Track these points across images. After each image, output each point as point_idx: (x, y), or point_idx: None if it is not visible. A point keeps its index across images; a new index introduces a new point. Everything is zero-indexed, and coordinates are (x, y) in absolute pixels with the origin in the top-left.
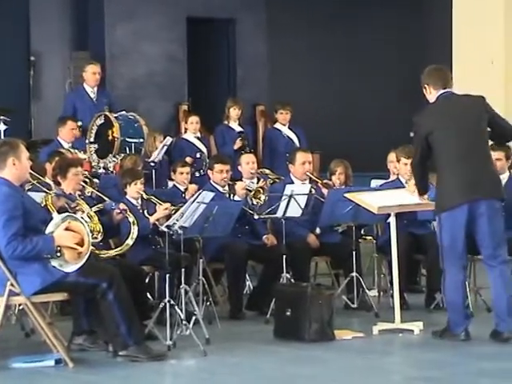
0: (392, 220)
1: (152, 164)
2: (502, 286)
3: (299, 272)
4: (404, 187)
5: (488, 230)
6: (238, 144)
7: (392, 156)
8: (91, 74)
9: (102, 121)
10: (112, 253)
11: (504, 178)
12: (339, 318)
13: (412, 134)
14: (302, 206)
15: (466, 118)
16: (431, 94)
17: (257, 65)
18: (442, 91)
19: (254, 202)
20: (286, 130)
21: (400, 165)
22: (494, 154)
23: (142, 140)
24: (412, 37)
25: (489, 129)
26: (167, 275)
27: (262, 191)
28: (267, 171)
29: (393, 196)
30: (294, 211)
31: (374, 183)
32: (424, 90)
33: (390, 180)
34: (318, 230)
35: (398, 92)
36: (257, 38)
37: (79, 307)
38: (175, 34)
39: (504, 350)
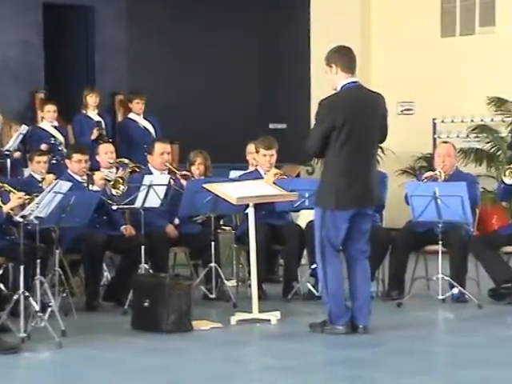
0: (250, 211)
1: (6, 153)
2: (365, 281)
3: (158, 263)
4: (263, 178)
5: (364, 228)
6: (94, 134)
7: (251, 147)
8: None
9: None
10: None
11: None
12: (197, 308)
13: (314, 122)
14: (161, 197)
15: (372, 117)
16: (337, 76)
17: (116, 53)
18: (351, 79)
19: (113, 192)
20: (141, 120)
21: (259, 156)
22: None
23: None
24: (271, 31)
25: None
26: (22, 266)
27: (121, 181)
28: (126, 160)
29: (251, 187)
30: (153, 202)
31: (233, 174)
32: (329, 69)
33: (248, 171)
34: (176, 221)
35: (257, 84)
36: (116, 26)
37: None
38: (31, 19)
39: (358, 339)
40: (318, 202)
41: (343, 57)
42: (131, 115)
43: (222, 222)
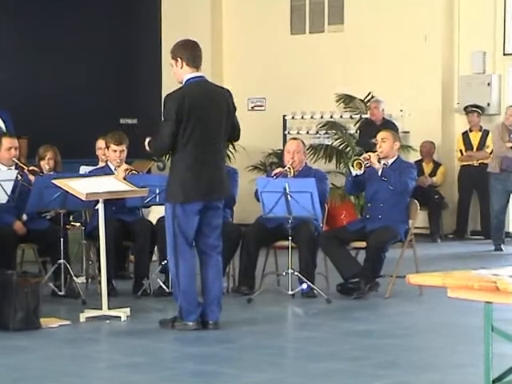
0: (100, 207)
1: None
2: (217, 277)
3: (5, 260)
4: (113, 173)
5: (215, 222)
6: None
7: (101, 143)
8: None
9: None
10: None
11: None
12: (46, 305)
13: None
14: (9, 193)
15: (218, 110)
16: (182, 69)
17: None
18: (197, 74)
19: None
20: None
21: (109, 151)
22: None
23: None
24: (122, 25)
25: None
26: None
27: None
28: None
29: (101, 183)
30: (0, 197)
31: (83, 169)
32: (174, 63)
33: (99, 166)
34: (24, 217)
35: (107, 78)
36: None
37: None
38: None
39: (209, 335)
40: (167, 196)
41: (188, 51)
42: None
43: (71, 218)
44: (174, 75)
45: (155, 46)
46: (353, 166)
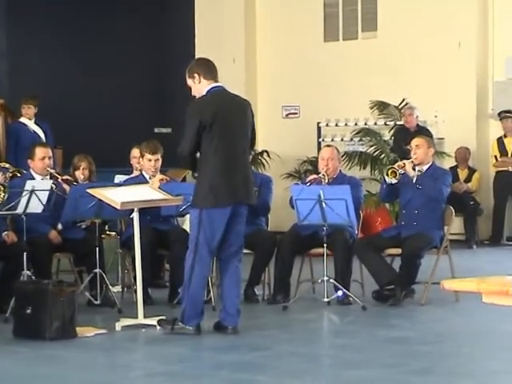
0: (135, 215)
1: None
2: (236, 283)
3: (40, 269)
4: (147, 182)
5: (239, 229)
6: None
7: (135, 152)
8: None
9: None
10: None
11: None
12: (82, 315)
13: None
14: (44, 202)
15: (240, 118)
16: (200, 84)
17: None
18: (214, 84)
19: None
20: (31, 125)
21: (144, 160)
22: None
23: None
24: (156, 36)
25: None
26: None
27: (2, 188)
28: (7, 165)
29: (136, 191)
30: (35, 207)
31: (118, 179)
32: (191, 80)
33: (133, 175)
34: (60, 226)
35: (142, 88)
36: None
37: None
38: None
39: (244, 342)
40: (194, 202)
41: (203, 66)
42: (22, 119)
43: (106, 227)
44: (194, 93)
45: (189, 55)
46: (387, 174)
